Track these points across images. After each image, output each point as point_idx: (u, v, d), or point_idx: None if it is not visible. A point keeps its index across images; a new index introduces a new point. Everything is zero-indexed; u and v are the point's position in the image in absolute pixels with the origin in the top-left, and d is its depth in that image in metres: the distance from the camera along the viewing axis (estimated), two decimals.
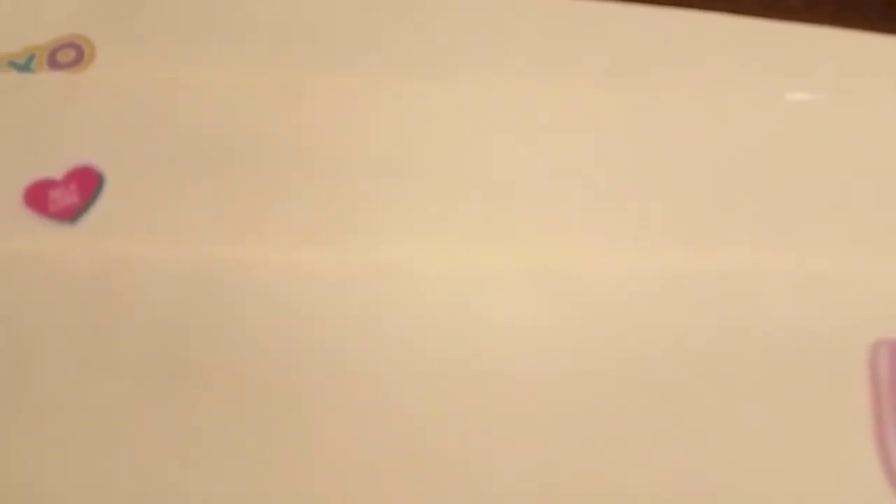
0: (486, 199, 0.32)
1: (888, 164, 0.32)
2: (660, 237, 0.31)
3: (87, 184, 0.33)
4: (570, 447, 0.28)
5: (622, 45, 0.35)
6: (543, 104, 0.34)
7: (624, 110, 0.34)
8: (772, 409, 0.28)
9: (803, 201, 0.32)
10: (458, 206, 0.32)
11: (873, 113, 0.33)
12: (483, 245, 0.31)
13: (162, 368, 0.29)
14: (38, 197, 0.33)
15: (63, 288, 0.31)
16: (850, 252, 0.31)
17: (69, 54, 0.36)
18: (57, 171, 0.33)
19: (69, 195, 0.33)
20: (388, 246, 0.31)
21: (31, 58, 0.35)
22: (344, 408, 0.29)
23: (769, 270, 0.30)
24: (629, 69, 0.35)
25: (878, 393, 0.28)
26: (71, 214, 0.32)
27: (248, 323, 0.30)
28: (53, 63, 0.35)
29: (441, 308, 0.30)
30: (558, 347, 0.29)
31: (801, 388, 0.28)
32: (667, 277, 0.30)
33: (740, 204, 0.32)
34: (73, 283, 0.31)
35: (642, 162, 0.33)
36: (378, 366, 0.29)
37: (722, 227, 0.31)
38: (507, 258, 0.31)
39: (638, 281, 0.30)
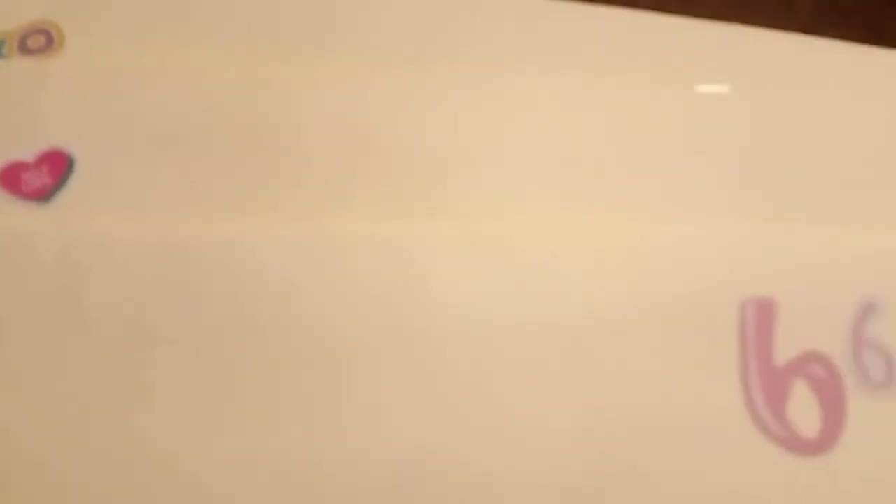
0: (433, 175, 0.35)
1: (771, 143, 0.36)
2: (578, 212, 0.35)
3: (58, 166, 0.35)
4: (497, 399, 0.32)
5: (558, 41, 0.38)
6: (494, 92, 0.36)
7: (556, 98, 0.36)
8: (660, 361, 0.32)
9: (692, 178, 0.35)
10: (407, 182, 0.35)
11: (772, 104, 0.37)
12: (430, 217, 0.34)
13: (130, 336, 0.32)
14: (12, 179, 0.34)
15: (37, 263, 0.33)
16: (725, 221, 0.34)
17: (39, 40, 0.37)
18: (29, 155, 0.35)
19: (41, 177, 0.34)
20: (335, 220, 0.34)
21: (2, 43, 0.37)
22: (298, 373, 0.32)
23: (664, 240, 0.34)
24: (565, 62, 0.37)
25: (744, 343, 0.32)
26: (44, 195, 0.34)
27: (212, 293, 0.32)
28: (24, 49, 0.37)
29: (386, 279, 0.33)
30: (490, 314, 0.32)
31: (684, 341, 0.33)
32: (583, 248, 0.34)
33: (641, 182, 0.35)
34: (46, 258, 0.33)
35: (570, 145, 0.36)
36: (322, 338, 0.32)
37: (623, 204, 0.35)
38: (453, 230, 0.34)
39: (563, 250, 0.34)
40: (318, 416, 0.31)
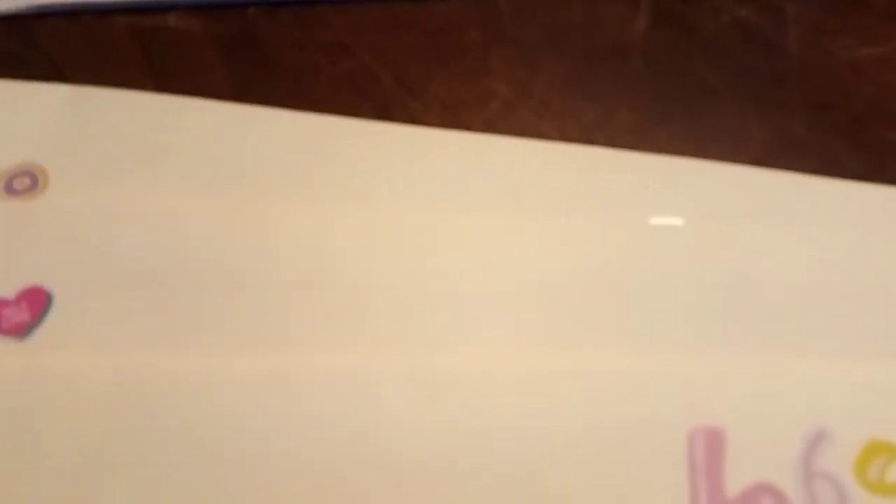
0: (386, 310, 0.36)
1: (723, 274, 0.37)
2: (530, 344, 0.35)
3: (38, 303, 0.36)
4: None
5: (513, 177, 0.39)
6: (442, 227, 0.38)
7: (509, 233, 0.38)
8: (608, 495, 0.32)
9: (644, 309, 0.36)
10: (363, 317, 0.36)
11: (725, 236, 0.38)
12: (383, 351, 0.35)
13: (86, 469, 0.33)
14: None
15: (2, 398, 0.34)
16: (675, 351, 0.35)
17: (25, 182, 0.39)
18: (10, 292, 0.37)
19: (20, 313, 0.36)
20: (291, 355, 0.35)
21: None
22: None
23: (613, 370, 0.34)
24: (519, 198, 0.39)
25: (693, 474, 0.32)
26: (21, 331, 0.36)
27: (170, 427, 0.34)
28: (10, 190, 0.39)
29: (341, 413, 0.34)
30: (441, 447, 0.33)
31: (632, 473, 0.33)
32: (532, 379, 0.34)
33: (594, 314, 0.36)
34: (11, 394, 0.34)
35: (523, 279, 0.37)
36: (277, 472, 0.33)
37: (577, 334, 0.35)
38: (405, 363, 0.35)
39: (513, 382, 0.34)
40: None
